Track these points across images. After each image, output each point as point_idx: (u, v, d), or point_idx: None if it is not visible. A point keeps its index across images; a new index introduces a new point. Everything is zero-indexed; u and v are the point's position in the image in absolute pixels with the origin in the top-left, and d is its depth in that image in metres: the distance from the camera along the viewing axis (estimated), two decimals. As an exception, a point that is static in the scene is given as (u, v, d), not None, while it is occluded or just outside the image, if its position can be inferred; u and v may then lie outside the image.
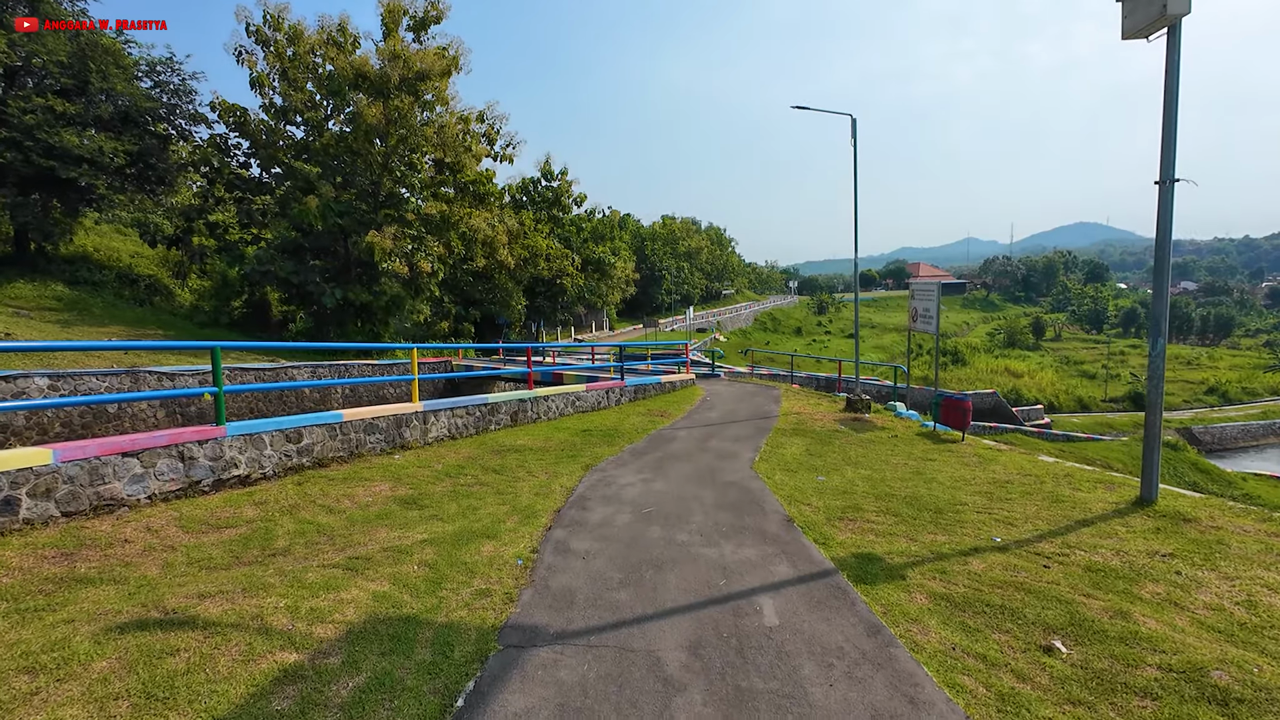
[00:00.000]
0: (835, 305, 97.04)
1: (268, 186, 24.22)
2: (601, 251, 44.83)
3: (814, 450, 9.26)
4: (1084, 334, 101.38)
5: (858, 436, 10.37)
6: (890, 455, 8.88)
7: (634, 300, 63.97)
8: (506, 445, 9.46)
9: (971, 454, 8.87)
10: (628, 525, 5.42)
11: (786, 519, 5.57)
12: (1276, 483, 26.58)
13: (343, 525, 5.65)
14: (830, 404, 14.16)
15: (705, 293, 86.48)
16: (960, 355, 70.88)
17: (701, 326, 57.84)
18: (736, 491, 6.63)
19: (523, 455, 8.81)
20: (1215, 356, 76.66)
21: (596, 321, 56.13)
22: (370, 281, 23.02)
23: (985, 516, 5.70)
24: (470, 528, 5.48)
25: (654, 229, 77.06)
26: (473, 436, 10.25)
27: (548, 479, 7.46)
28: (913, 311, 12.35)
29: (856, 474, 7.68)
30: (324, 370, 19.76)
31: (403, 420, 8.99)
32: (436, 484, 7.22)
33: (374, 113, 20.24)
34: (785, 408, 13.50)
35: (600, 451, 9.05)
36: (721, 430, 10.89)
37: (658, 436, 10.30)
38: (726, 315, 68.52)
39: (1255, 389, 57.48)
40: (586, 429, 10.94)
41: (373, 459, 8.27)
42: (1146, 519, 5.49)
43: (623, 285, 48.67)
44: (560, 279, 40.94)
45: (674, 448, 9.32)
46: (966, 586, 4.04)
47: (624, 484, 7.05)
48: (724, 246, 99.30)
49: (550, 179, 43.04)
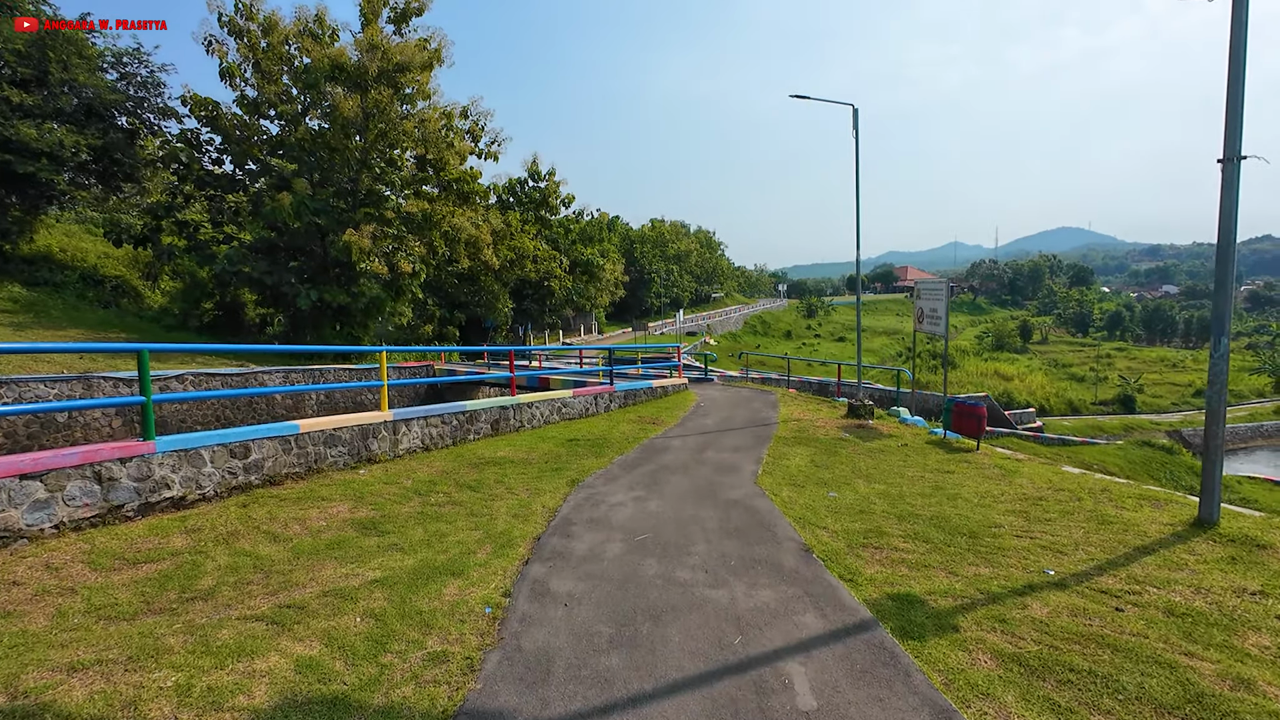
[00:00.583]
0: (824, 309, 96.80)
1: (241, 184, 23.19)
2: (590, 253, 44.04)
3: (820, 461, 8.52)
4: (1070, 337, 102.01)
5: (865, 445, 9.65)
6: (903, 467, 8.16)
7: (623, 303, 63.20)
8: (485, 457, 8.64)
9: (991, 465, 8.17)
10: (619, 558, 4.63)
11: (803, 547, 4.81)
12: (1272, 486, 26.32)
13: (285, 558, 4.82)
14: (831, 410, 13.46)
15: (695, 296, 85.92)
16: (950, 358, 70.73)
17: (691, 330, 57.18)
18: (742, 512, 5.86)
19: (502, 469, 7.99)
20: (1199, 359, 77.11)
21: (585, 325, 55.28)
22: (348, 282, 22.05)
23: (1028, 542, 4.97)
24: (434, 561, 4.67)
25: (643, 231, 76.40)
26: (449, 448, 9.41)
27: (528, 497, 6.66)
28: (919, 312, 11.69)
29: (871, 489, 6.95)
30: (297, 375, 18.78)
31: (369, 431, 8.14)
32: (403, 504, 6.39)
33: (351, 106, 19.34)
34: (784, 414, 12.78)
35: (588, 464, 8.26)
36: (719, 439, 10.13)
37: (650, 446, 9.52)
38: (716, 318, 67.92)
39: (1241, 391, 57.74)
40: (573, 438, 10.14)
41: (334, 475, 7.41)
42: (1214, 545, 4.79)
43: (611, 288, 47.90)
44: (548, 281, 40.10)
45: (668, 459, 8.55)
46: (1036, 641, 3.30)
47: (614, 503, 6.27)
48: (713, 249, 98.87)
49: (538, 179, 42.22)
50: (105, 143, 21.22)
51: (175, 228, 22.39)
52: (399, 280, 23.28)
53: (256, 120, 21.99)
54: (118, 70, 22.34)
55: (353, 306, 22.19)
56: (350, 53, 20.48)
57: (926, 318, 11.33)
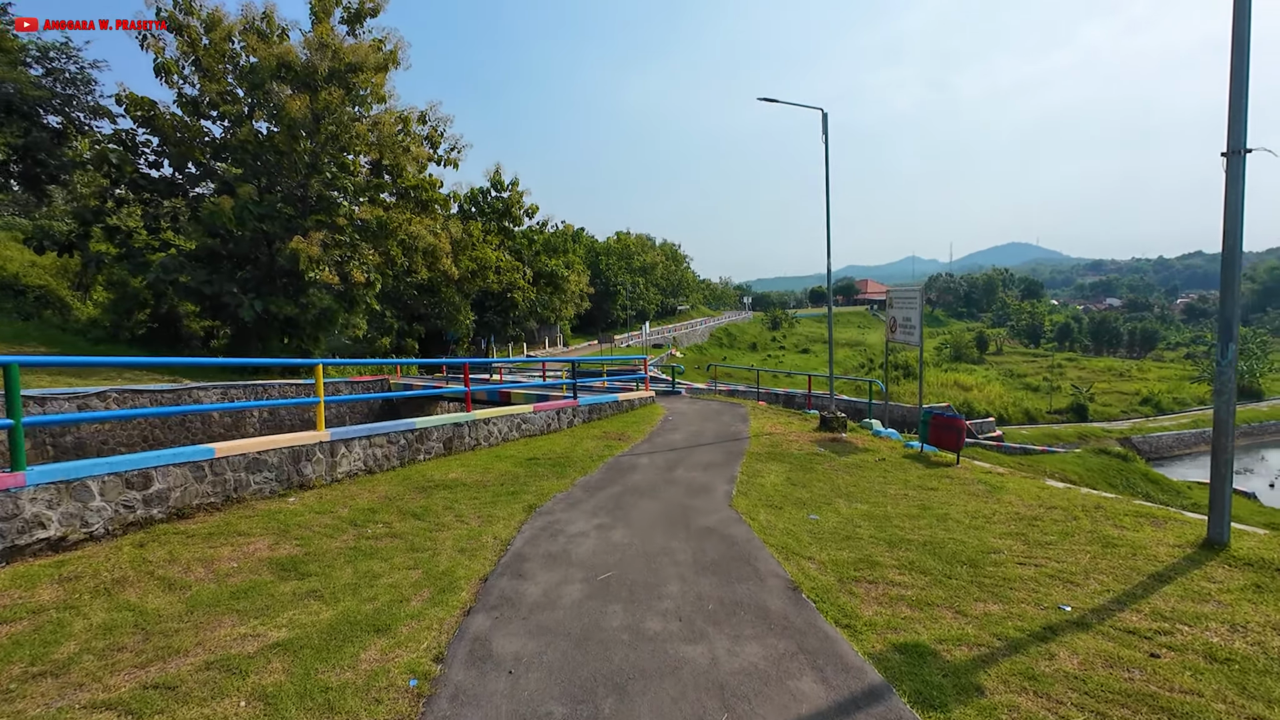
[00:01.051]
0: (788, 321, 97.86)
1: (181, 188, 21.82)
2: (554, 265, 43.30)
3: (796, 479, 8.00)
4: (1023, 348, 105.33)
5: (841, 460, 9.18)
6: (884, 484, 7.69)
7: (589, 316, 62.54)
8: (435, 480, 7.85)
9: (974, 480, 7.77)
10: (578, 604, 3.95)
11: (790, 585, 4.21)
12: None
13: (177, 612, 4.00)
14: (803, 423, 13.02)
15: (661, 308, 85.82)
16: (912, 369, 72.01)
17: (658, 342, 56.81)
18: (718, 542, 5.25)
19: (453, 493, 7.22)
20: (1144, 368, 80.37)
21: (550, 337, 54.35)
22: (297, 293, 20.85)
23: (1033, 570, 4.49)
24: (358, 612, 3.92)
25: (608, 244, 76.04)
26: (395, 469, 8.58)
27: (479, 526, 5.93)
28: (891, 322, 11.37)
29: (853, 510, 6.43)
30: (238, 392, 17.52)
31: (301, 453, 7.28)
32: (334, 537, 5.59)
33: (299, 106, 18.33)
34: (755, 427, 12.28)
35: (547, 486, 7.55)
36: (689, 456, 9.54)
37: (616, 465, 8.86)
38: (683, 331, 67.80)
39: (1185, 399, 60.14)
40: (533, 457, 9.41)
41: (257, 505, 6.54)
42: (1231, 570, 4.39)
43: (577, 300, 47.22)
44: (511, 293, 39.18)
45: (635, 479, 7.90)
46: (1078, 705, 2.76)
47: (575, 533, 5.58)
48: (679, 262, 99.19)
49: (500, 189, 41.39)
50: (27, 142, 19.72)
51: (106, 234, 20.88)
52: (352, 290, 22.17)
53: (198, 121, 20.74)
54: (43, 65, 20.85)
55: (301, 318, 20.98)
56: (299, 52, 19.50)
57: (900, 327, 11.01)
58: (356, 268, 20.33)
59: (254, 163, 20.42)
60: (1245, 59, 4.47)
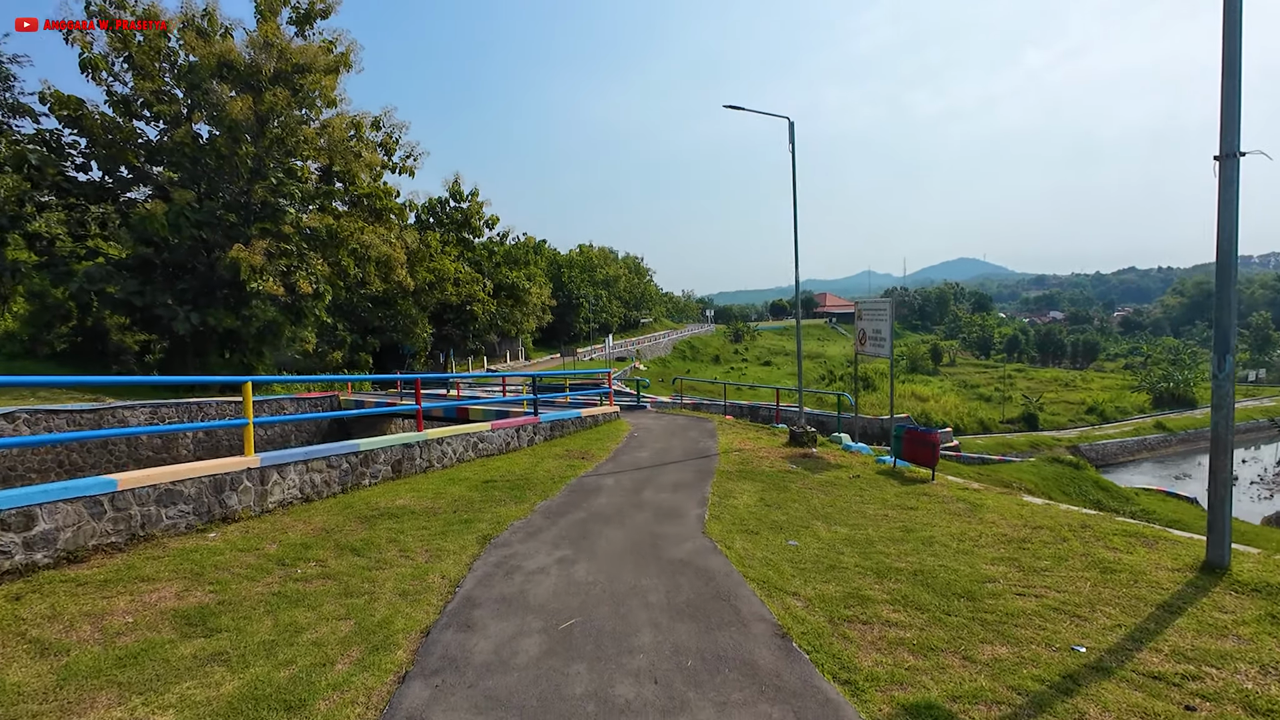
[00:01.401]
0: (750, 334, 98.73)
1: (111, 192, 20.38)
2: (515, 276, 42.48)
3: (770, 499, 7.58)
4: (975, 359, 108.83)
5: (815, 478, 8.83)
6: (861, 503, 7.34)
7: (551, 329, 61.68)
8: (381, 508, 7.14)
9: (953, 498, 7.49)
10: (535, 663, 3.39)
11: (778, 630, 3.73)
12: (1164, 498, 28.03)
13: (43, 688, 3.27)
14: (772, 437, 12.69)
15: (624, 321, 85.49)
16: (870, 381, 73.31)
17: (621, 355, 56.34)
18: (693, 577, 4.75)
19: (399, 523, 6.55)
20: (1088, 379, 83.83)
21: (511, 351, 53.26)
22: (238, 304, 19.62)
23: (1035, 603, 4.13)
24: (269, 682, 3.26)
25: (571, 256, 75.44)
26: (336, 497, 7.82)
27: (426, 562, 5.29)
28: (860, 334, 11.16)
29: (834, 534, 6.03)
30: (169, 411, 16.25)
31: (225, 482, 6.49)
32: (256, 580, 4.88)
33: (241, 108, 17.31)
34: (724, 443, 11.88)
35: (505, 513, 6.93)
36: (656, 475, 9.04)
37: (579, 487, 8.29)
38: (646, 344, 67.54)
39: (1126, 408, 62.75)
40: (490, 479, 8.76)
41: (170, 543, 5.75)
42: (1239, 597, 4.12)
43: (539, 312, 46.41)
44: (470, 305, 38.16)
45: (600, 503, 7.35)
46: (1127, 784, 2.35)
47: (533, 569, 5.01)
48: (641, 275, 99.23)
49: (460, 199, 40.50)
50: (-67, 140, 18.11)
51: (25, 240, 19.30)
52: (299, 302, 21.03)
53: (130, 122, 19.44)
54: (-46, 60, 19.29)
55: (243, 331, 19.74)
56: (243, 51, 18.49)
57: (869, 339, 10.79)
58: (303, 278, 19.25)
59: (192, 167, 19.20)
60: (1237, 63, 4.29)
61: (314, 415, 9.09)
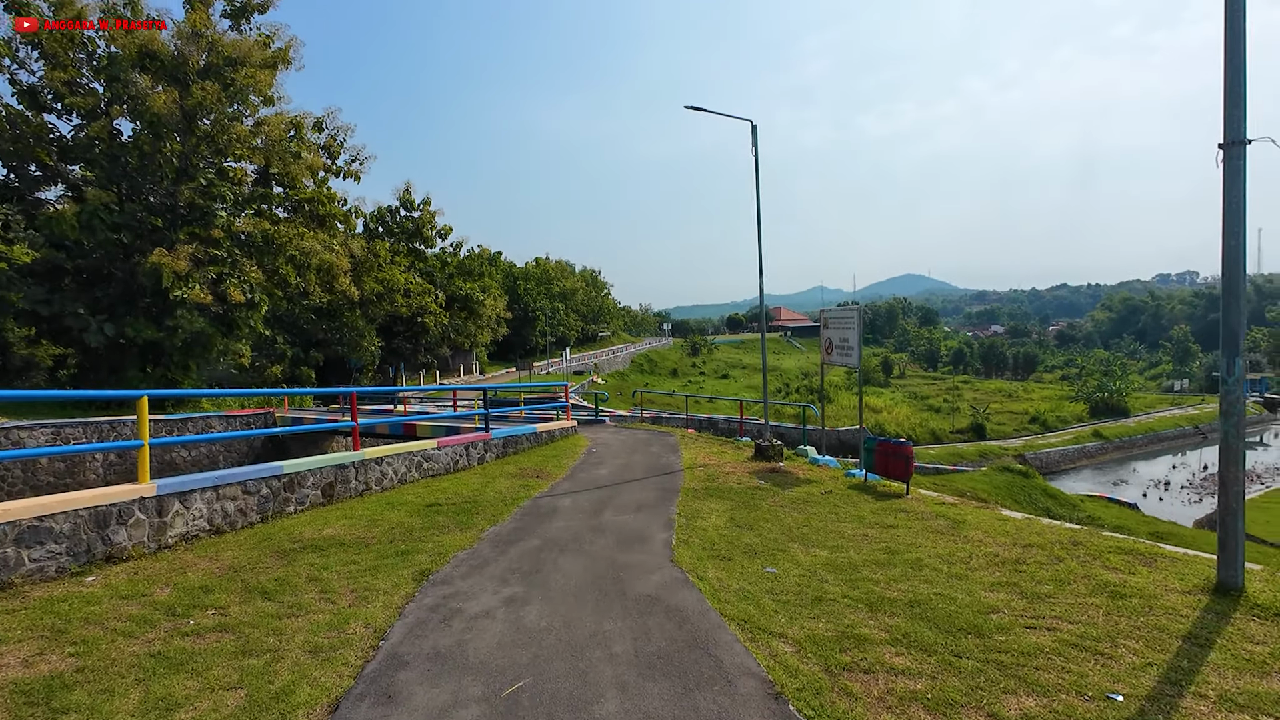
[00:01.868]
0: (708, 347, 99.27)
1: (15, 191, 18.57)
2: (469, 288, 41.26)
3: (741, 519, 7.02)
4: (923, 371, 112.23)
5: (786, 494, 8.33)
6: (837, 522, 6.85)
7: (507, 342, 60.35)
8: (304, 540, 6.25)
9: (931, 514, 7.09)
10: (472, 747, 2.68)
11: (769, 689, 3.12)
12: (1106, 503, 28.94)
13: None
14: (736, 451, 12.20)
15: (581, 335, 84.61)
16: (825, 393, 74.33)
17: (579, 369, 55.46)
18: (664, 618, 4.10)
19: (324, 557, 5.69)
20: (1029, 389, 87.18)
21: (465, 364, 51.72)
22: (162, 315, 18.06)
23: (1049, 638, 3.66)
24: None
25: (527, 268, 74.34)
26: (255, 527, 6.87)
27: (350, 606, 4.49)
28: (826, 343, 10.80)
29: (813, 558, 5.50)
30: (75, 431, 14.67)
31: (109, 515, 5.52)
32: (134, 637, 4.00)
33: (165, 101, 16.00)
34: (688, 458, 11.30)
35: (448, 541, 6.15)
36: (617, 495, 8.37)
37: (533, 510, 7.55)
38: (604, 357, 66.83)
39: (1066, 417, 65.36)
40: (434, 503, 7.94)
41: (32, 591, 4.77)
42: (1265, 624, 3.74)
43: (493, 325, 45.19)
44: (421, 317, 36.76)
45: (556, 529, 6.64)
46: None
47: (476, 613, 4.27)
48: (599, 288, 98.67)
49: (411, 208, 39.18)
50: None
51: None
52: (231, 312, 19.55)
53: (40, 115, 17.78)
54: None
55: (167, 343, 18.16)
56: (169, 42, 17.18)
57: (836, 349, 10.44)
58: (235, 286, 17.84)
59: (111, 165, 17.66)
60: (1242, 45, 4.00)
61: (244, 434, 8.11)
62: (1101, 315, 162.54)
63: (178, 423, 16.42)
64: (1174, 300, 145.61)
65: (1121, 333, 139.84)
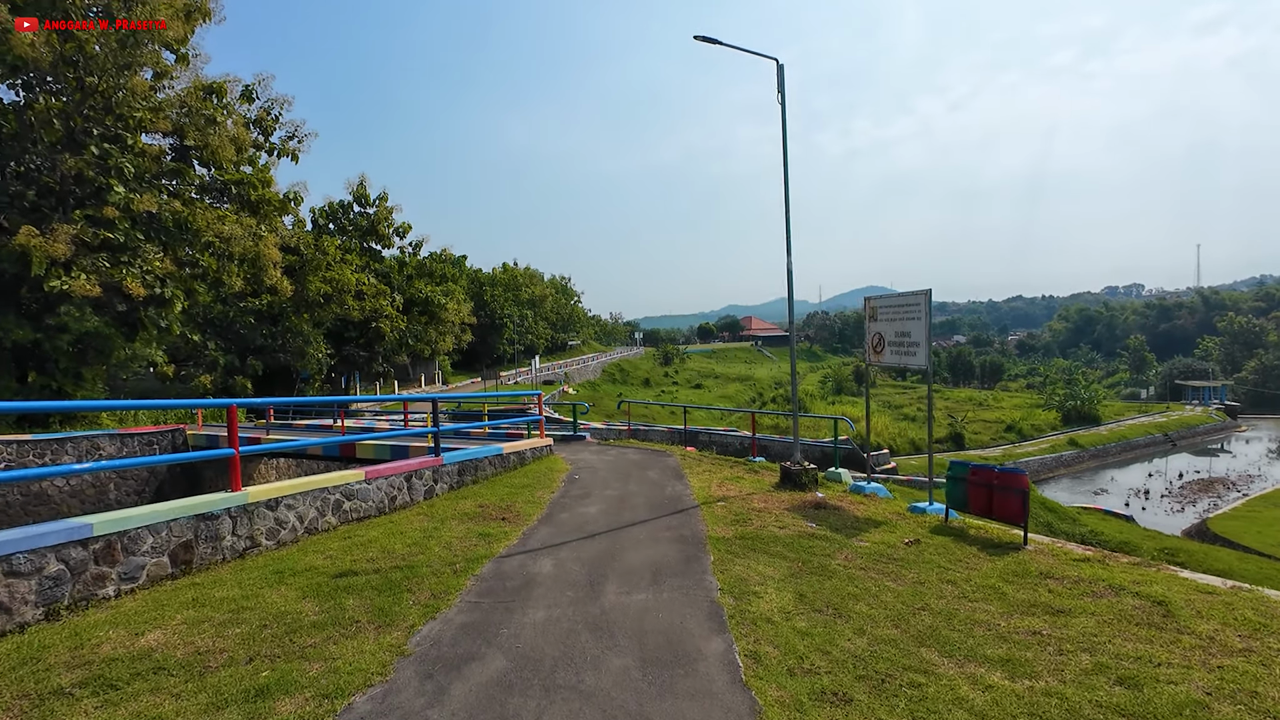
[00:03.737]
0: (680, 356, 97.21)
1: None
2: (429, 290, 38.11)
3: (815, 593, 4.58)
4: (893, 381, 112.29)
5: (857, 546, 5.91)
6: (963, 599, 4.46)
7: (472, 351, 57.06)
8: (99, 659, 3.56)
9: (1093, 581, 4.75)
10: None
11: None
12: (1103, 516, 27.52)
13: None
14: (755, 477, 9.77)
15: (551, 343, 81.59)
16: (801, 403, 72.91)
17: (549, 378, 52.58)
18: None
19: (109, 712, 3.01)
20: (998, 398, 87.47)
21: (427, 374, 48.29)
22: (41, 311, 14.81)
23: None
24: None
25: (494, 274, 71.15)
26: (26, 632, 4.12)
27: None
28: (874, 339, 8.48)
29: (990, 696, 3.08)
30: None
31: None
32: None
33: (35, 46, 12.92)
34: (699, 487, 8.82)
35: (348, 657, 3.53)
36: (619, 549, 5.83)
37: (495, 584, 4.96)
38: (574, 366, 64.05)
39: (1040, 425, 65.13)
40: (348, 570, 5.28)
41: None
42: None
43: (457, 331, 42.01)
44: (376, 321, 33.53)
45: (532, 628, 4.07)
46: None
47: None
48: (569, 296, 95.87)
49: (365, 204, 36.00)
50: None
51: None
52: (136, 310, 16.34)
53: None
54: None
55: (49, 346, 14.88)
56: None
57: (891, 346, 8.12)
58: (133, 277, 14.66)
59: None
60: None
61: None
62: (1059, 325, 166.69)
63: (52, 444, 13.20)
64: (1127, 310, 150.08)
65: (1078, 342, 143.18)
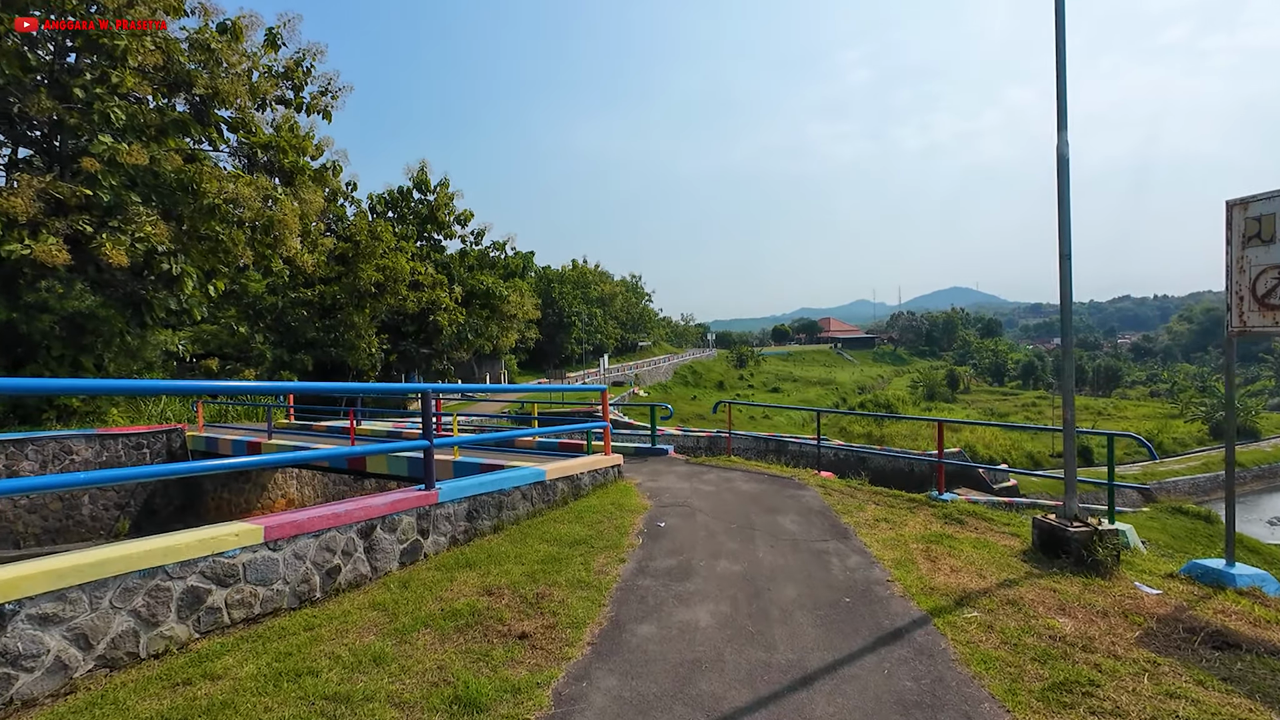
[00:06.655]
0: (755, 359, 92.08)
1: None
2: (490, 281, 35.45)
3: None
4: (989, 386, 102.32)
5: None
6: None
7: (540, 350, 54.67)
8: None
9: None
10: None
11: None
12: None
13: None
14: (972, 535, 5.59)
15: (620, 344, 78.53)
16: (892, 408, 66.30)
17: (618, 379, 49.28)
18: None
19: None
20: (1120, 407, 77.20)
21: (493, 372, 46.03)
22: (21, 287, 12.49)
23: None
24: None
25: (563, 271, 68.79)
26: None
27: None
28: (1271, 275, 4.13)
29: None
30: None
31: None
32: None
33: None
34: (889, 560, 4.76)
35: None
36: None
37: None
38: (645, 368, 60.59)
39: (1182, 439, 56.06)
40: None
41: None
42: None
43: (520, 326, 39.22)
44: (433, 314, 31.09)
45: None
46: None
47: None
48: (640, 295, 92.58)
49: (425, 190, 33.80)
50: None
51: None
52: (142, 288, 13.92)
53: None
54: None
55: (31, 329, 12.54)
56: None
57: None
58: (113, 244, 12.03)
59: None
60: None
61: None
62: (1180, 327, 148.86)
63: (8, 446, 10.65)
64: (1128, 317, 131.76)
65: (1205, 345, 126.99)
